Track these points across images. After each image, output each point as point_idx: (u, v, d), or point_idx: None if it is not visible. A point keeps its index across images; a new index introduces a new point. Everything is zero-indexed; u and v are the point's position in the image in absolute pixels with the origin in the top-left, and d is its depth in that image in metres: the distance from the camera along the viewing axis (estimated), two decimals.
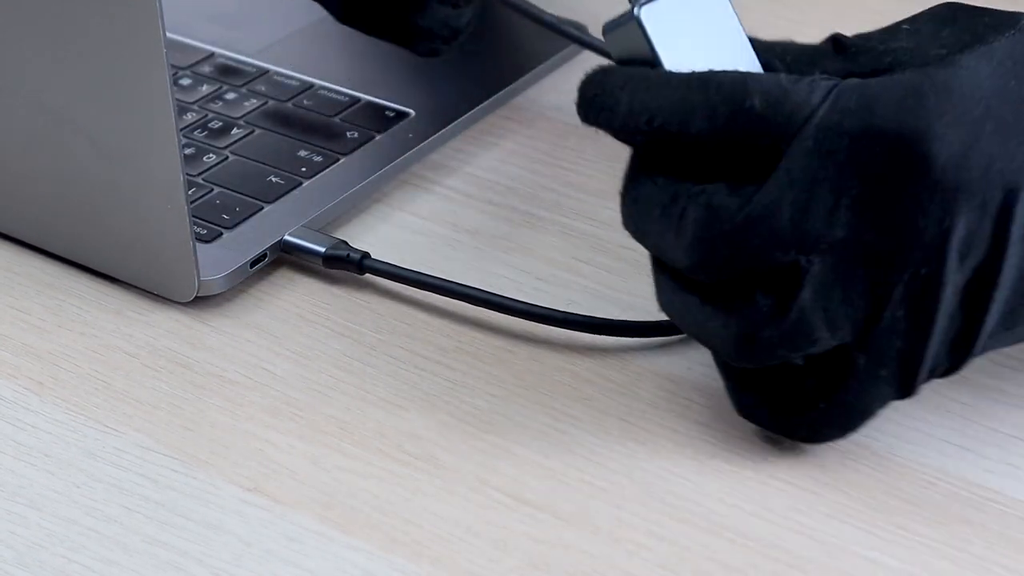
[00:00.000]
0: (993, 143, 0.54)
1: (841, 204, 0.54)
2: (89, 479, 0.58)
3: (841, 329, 0.55)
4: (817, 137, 0.53)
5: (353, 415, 0.61)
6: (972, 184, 0.54)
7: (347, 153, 0.73)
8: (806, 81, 0.54)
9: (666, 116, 0.55)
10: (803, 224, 0.54)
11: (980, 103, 0.54)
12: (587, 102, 0.57)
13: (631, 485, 0.58)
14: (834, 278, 0.54)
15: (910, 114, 0.53)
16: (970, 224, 0.54)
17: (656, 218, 0.55)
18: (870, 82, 0.54)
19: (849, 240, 0.54)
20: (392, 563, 0.55)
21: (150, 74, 0.60)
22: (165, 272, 0.65)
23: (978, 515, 0.57)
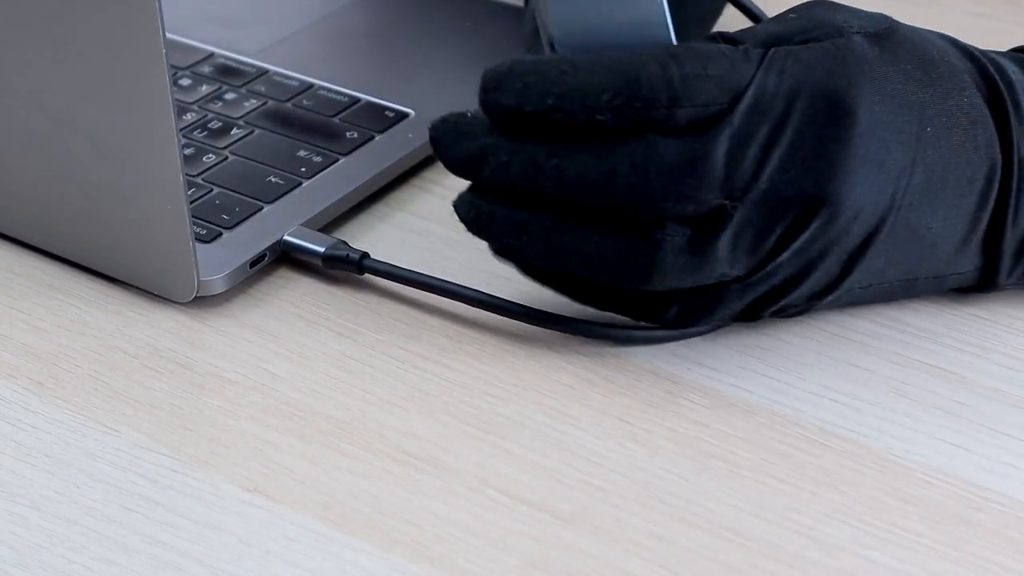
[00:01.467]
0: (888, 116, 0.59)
1: (771, 157, 0.58)
2: (89, 479, 0.58)
3: (737, 267, 0.59)
4: (755, 97, 0.57)
5: (353, 415, 0.61)
6: (879, 155, 0.59)
7: (347, 153, 0.73)
8: (741, 49, 0.58)
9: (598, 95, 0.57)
10: (734, 173, 0.58)
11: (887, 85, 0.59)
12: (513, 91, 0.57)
13: (630, 485, 0.58)
14: (749, 224, 0.59)
15: (840, 76, 0.58)
16: (871, 187, 0.59)
17: (589, 153, 0.57)
18: (797, 48, 0.59)
19: (770, 192, 0.58)
20: (392, 563, 0.55)
21: (150, 74, 0.60)
22: (165, 272, 0.65)
23: (978, 515, 0.57)
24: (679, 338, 0.64)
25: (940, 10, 0.87)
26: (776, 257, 0.59)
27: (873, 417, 0.61)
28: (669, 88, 0.57)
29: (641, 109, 0.57)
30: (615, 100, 0.57)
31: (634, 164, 0.57)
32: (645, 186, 0.57)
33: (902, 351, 0.64)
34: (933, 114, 0.60)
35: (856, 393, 0.62)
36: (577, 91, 0.57)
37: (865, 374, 0.63)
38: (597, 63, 0.57)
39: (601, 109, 0.57)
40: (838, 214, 0.59)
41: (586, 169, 0.57)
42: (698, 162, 0.57)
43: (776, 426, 0.60)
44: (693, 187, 0.57)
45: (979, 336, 0.64)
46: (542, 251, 0.59)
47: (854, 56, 0.59)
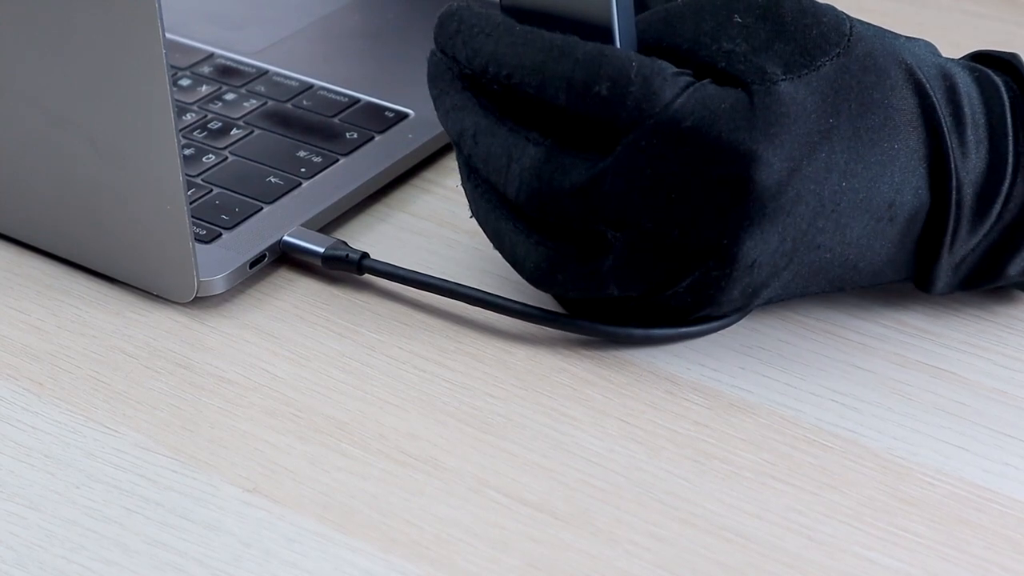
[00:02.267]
0: (810, 173, 0.58)
1: (656, 199, 0.58)
2: (89, 480, 0.58)
3: (630, 291, 0.60)
4: (651, 138, 0.57)
5: (353, 415, 0.61)
6: (781, 211, 0.58)
7: (346, 153, 0.73)
8: (659, 76, 0.57)
9: (524, 76, 0.58)
10: (620, 207, 0.58)
11: (804, 135, 0.57)
12: (446, 34, 0.61)
13: (630, 485, 0.58)
14: (634, 257, 0.59)
15: (745, 134, 0.57)
16: (767, 243, 0.58)
17: (492, 150, 0.60)
18: (711, 91, 0.57)
19: (656, 231, 0.58)
20: (391, 563, 0.55)
21: (150, 75, 0.60)
22: (165, 273, 0.65)
23: (977, 515, 0.57)
24: (679, 339, 0.64)
25: (940, 10, 0.87)
26: (670, 288, 0.60)
27: (873, 418, 0.61)
28: (566, 90, 0.57)
29: (530, 96, 0.58)
30: (511, 78, 0.58)
31: (523, 170, 0.59)
32: (530, 196, 0.59)
33: (902, 351, 0.64)
34: (852, 162, 0.59)
35: (856, 394, 0.62)
36: (481, 55, 0.59)
37: (865, 375, 0.63)
38: (518, 37, 0.58)
39: (493, 79, 0.59)
40: (729, 265, 0.59)
41: (492, 153, 0.60)
42: (583, 191, 0.58)
43: (776, 426, 0.60)
44: (575, 212, 0.58)
45: (979, 336, 0.64)
46: (478, 216, 0.63)
47: (765, 113, 0.57)
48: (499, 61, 0.59)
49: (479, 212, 0.63)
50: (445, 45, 0.61)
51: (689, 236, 0.58)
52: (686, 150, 0.57)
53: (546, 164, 0.58)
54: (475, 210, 0.63)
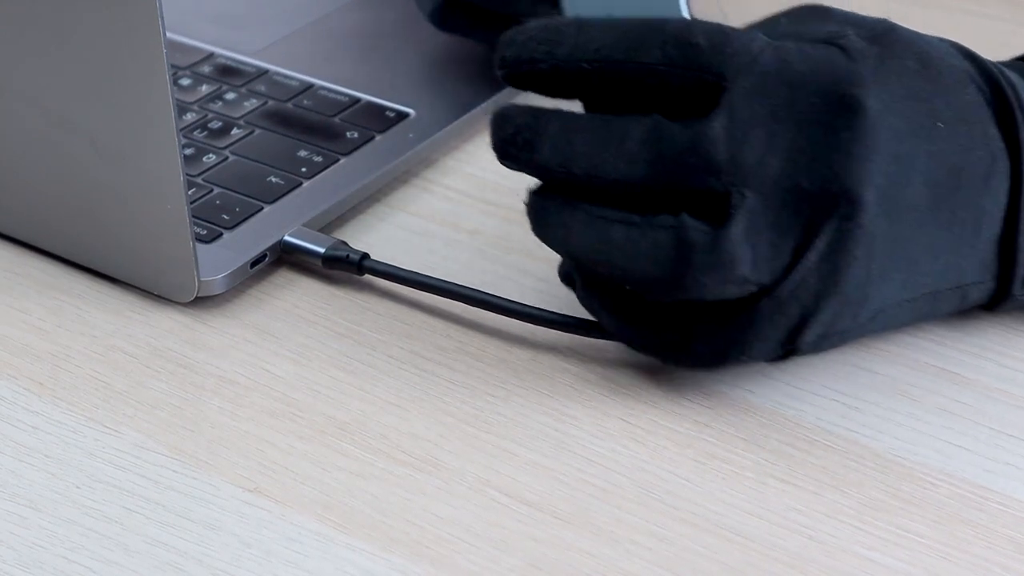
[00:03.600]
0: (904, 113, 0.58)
1: (776, 143, 0.56)
2: (89, 479, 0.58)
3: (760, 272, 0.57)
4: (759, 79, 0.57)
5: (353, 415, 0.61)
6: (889, 144, 0.57)
7: (347, 153, 0.73)
8: (746, 31, 0.58)
9: (614, 50, 0.57)
10: (739, 157, 0.56)
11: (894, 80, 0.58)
12: (518, 42, 0.59)
13: (631, 485, 0.58)
14: (764, 217, 0.56)
15: (845, 69, 0.57)
16: (886, 180, 0.57)
17: (595, 138, 0.57)
18: (801, 43, 0.58)
19: (781, 180, 0.56)
20: (392, 563, 0.55)
21: (150, 74, 0.60)
22: (165, 272, 0.65)
23: (978, 515, 0.57)
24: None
25: (940, 10, 0.87)
26: (799, 261, 0.57)
27: (874, 417, 0.61)
28: (661, 49, 0.57)
29: (627, 64, 0.57)
30: (604, 51, 0.57)
31: (640, 141, 0.57)
32: (655, 161, 0.56)
33: (904, 352, 0.64)
34: (941, 107, 0.59)
35: (857, 393, 0.62)
36: (568, 39, 0.58)
37: (866, 374, 0.63)
38: (599, 21, 0.58)
39: (588, 59, 0.58)
40: (857, 208, 0.56)
41: (595, 143, 0.57)
42: (700, 143, 0.56)
43: (777, 426, 0.60)
44: (695, 166, 0.56)
45: (981, 336, 0.64)
46: (573, 241, 0.59)
47: (857, 53, 0.58)
48: (585, 41, 0.58)
49: (577, 232, 0.58)
50: (518, 53, 0.59)
51: (816, 179, 0.56)
52: (797, 88, 0.57)
53: (656, 131, 0.57)
54: (567, 235, 0.59)
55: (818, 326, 0.58)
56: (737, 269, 0.56)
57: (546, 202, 0.59)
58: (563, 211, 0.59)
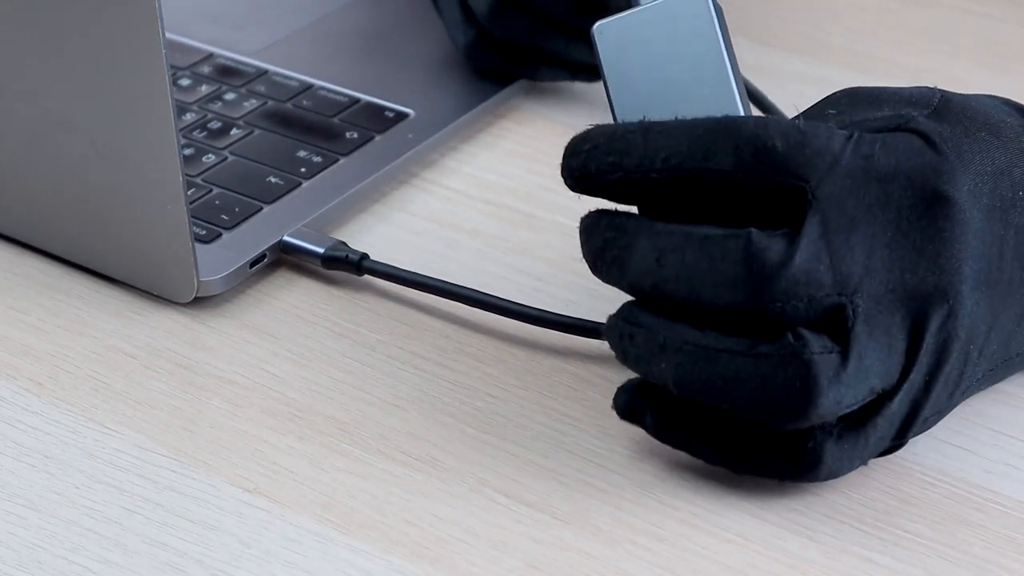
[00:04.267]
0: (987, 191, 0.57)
1: (876, 247, 0.54)
2: (88, 480, 0.58)
3: (885, 378, 0.55)
4: (845, 181, 0.54)
5: (352, 416, 0.61)
6: (980, 230, 0.56)
7: (346, 154, 0.73)
8: (823, 126, 0.55)
9: (685, 155, 0.54)
10: (842, 267, 0.54)
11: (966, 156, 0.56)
12: (582, 154, 0.56)
13: (630, 486, 0.58)
14: (878, 321, 0.54)
15: (930, 159, 0.55)
16: (979, 267, 0.56)
17: (689, 259, 0.54)
18: (879, 135, 0.55)
19: (888, 282, 0.55)
20: (391, 564, 0.55)
21: (150, 74, 0.60)
22: (164, 273, 0.65)
23: (978, 515, 0.57)
24: None
25: (940, 10, 0.87)
26: (914, 361, 0.55)
27: None
28: (734, 154, 0.54)
29: (698, 171, 0.54)
30: (672, 159, 0.54)
31: (738, 262, 0.53)
32: (752, 286, 0.53)
33: None
34: (1019, 174, 0.57)
35: None
36: (636, 148, 0.55)
37: None
38: (666, 123, 0.55)
39: (657, 168, 0.54)
40: (958, 300, 0.55)
41: (690, 264, 0.54)
42: (803, 259, 0.53)
43: None
44: (802, 284, 0.53)
45: None
46: (683, 375, 0.55)
47: (937, 137, 0.56)
48: (655, 148, 0.55)
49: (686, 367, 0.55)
50: (584, 163, 0.56)
51: (917, 274, 0.55)
52: (885, 186, 0.55)
53: (752, 249, 0.53)
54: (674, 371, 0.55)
55: (926, 413, 0.57)
56: (871, 383, 0.55)
57: (635, 328, 0.56)
58: (660, 340, 0.55)
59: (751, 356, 0.54)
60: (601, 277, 0.57)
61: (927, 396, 0.56)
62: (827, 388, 0.53)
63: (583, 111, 0.78)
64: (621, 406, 0.58)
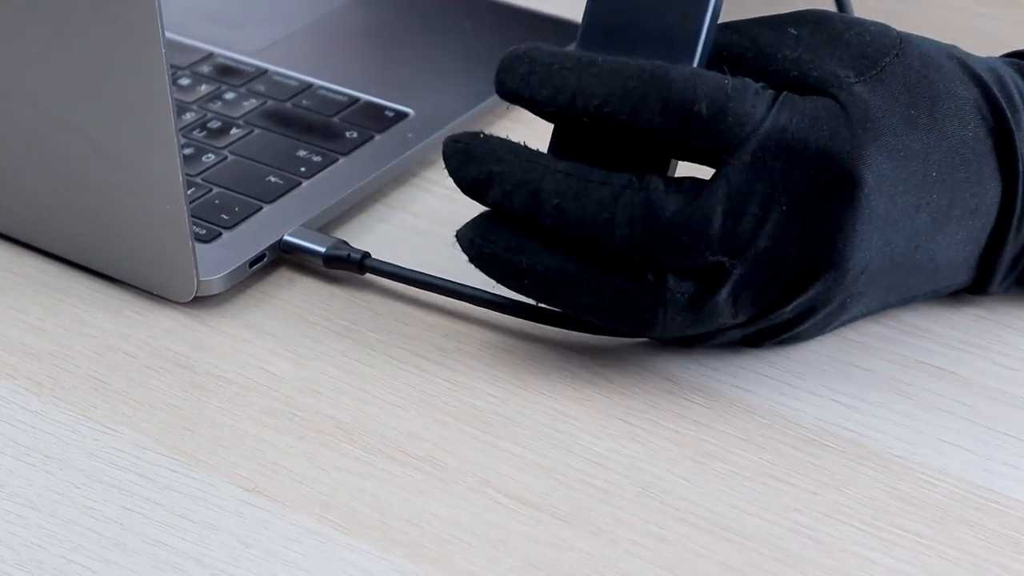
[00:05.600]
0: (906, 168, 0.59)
1: (770, 217, 0.57)
2: (88, 479, 0.58)
3: (739, 316, 0.59)
4: (756, 153, 0.57)
5: (352, 415, 0.61)
6: (887, 210, 0.58)
7: (346, 153, 0.73)
8: (750, 91, 0.57)
9: (616, 104, 0.57)
10: (733, 232, 0.57)
11: (893, 132, 0.58)
12: (516, 77, 0.59)
13: (630, 485, 0.58)
14: (750, 281, 0.58)
15: (843, 138, 0.57)
16: (874, 246, 0.59)
17: (591, 207, 0.57)
18: (801, 102, 0.57)
19: (771, 250, 0.58)
20: (391, 563, 0.55)
21: (149, 74, 0.60)
22: (164, 272, 0.65)
23: (978, 515, 0.57)
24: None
25: (940, 9, 0.87)
26: (777, 310, 0.60)
27: (874, 417, 0.61)
28: (663, 114, 0.56)
29: (626, 126, 0.57)
30: (604, 107, 0.57)
31: (632, 217, 0.57)
32: (641, 240, 0.57)
33: (903, 351, 0.64)
34: (938, 157, 0.59)
35: (857, 393, 0.62)
36: (568, 89, 0.57)
37: (866, 374, 0.62)
38: (601, 65, 0.57)
39: (589, 113, 0.57)
40: (844, 275, 0.59)
41: (586, 214, 0.57)
42: (695, 221, 0.57)
43: (776, 426, 0.60)
44: (689, 245, 0.57)
45: (980, 336, 0.64)
46: (543, 296, 0.60)
47: (857, 113, 0.58)
48: (587, 92, 0.57)
49: (562, 286, 0.59)
50: (518, 88, 0.59)
51: (805, 250, 0.58)
52: (793, 161, 0.57)
53: (650, 204, 0.57)
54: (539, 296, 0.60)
55: (783, 339, 0.62)
56: (717, 323, 0.59)
57: (494, 247, 0.60)
58: (513, 262, 0.60)
59: (610, 287, 0.58)
60: (473, 197, 0.60)
61: (779, 332, 0.61)
62: (671, 321, 0.59)
63: None
64: (473, 255, 0.61)
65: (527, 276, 0.59)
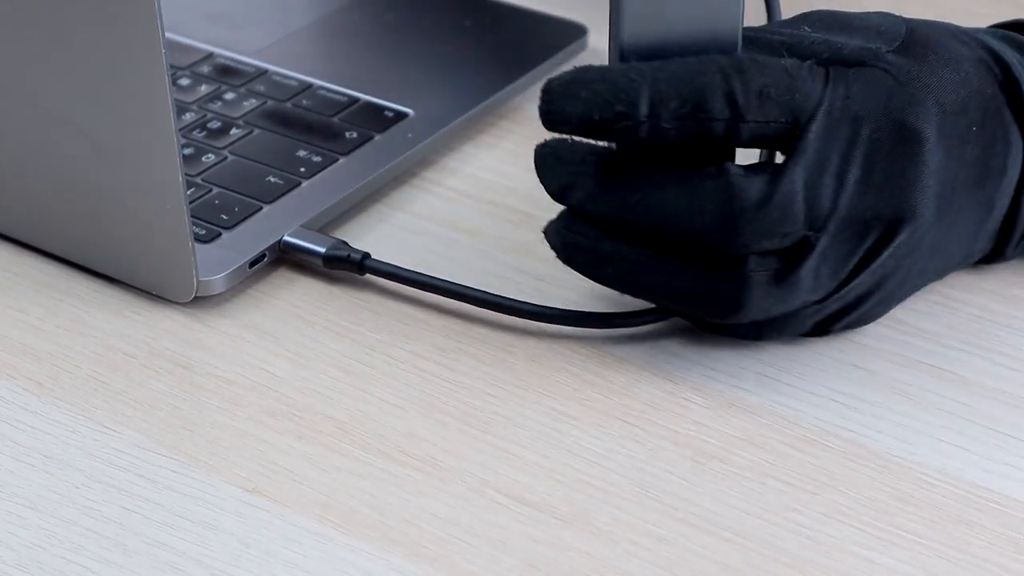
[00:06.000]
0: (948, 131, 0.61)
1: (846, 183, 0.58)
2: (88, 479, 0.58)
3: (820, 291, 0.60)
4: (825, 123, 0.58)
5: (352, 415, 0.61)
6: (942, 163, 0.60)
7: (346, 153, 0.73)
8: (804, 68, 0.58)
9: (696, 102, 0.57)
10: (815, 204, 0.58)
11: (934, 94, 0.60)
12: (580, 99, 0.57)
13: (630, 485, 0.58)
14: (832, 251, 0.59)
15: (900, 97, 0.59)
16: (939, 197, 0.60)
17: (673, 203, 0.58)
18: (851, 73, 0.59)
19: (850, 218, 0.59)
20: (391, 563, 0.55)
21: (149, 74, 0.60)
22: (164, 272, 0.65)
23: (977, 515, 0.57)
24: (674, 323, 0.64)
25: (941, 9, 0.87)
26: (855, 278, 0.60)
27: (873, 418, 0.61)
28: (732, 104, 0.57)
29: (704, 121, 0.57)
30: (682, 109, 0.57)
31: (719, 203, 0.57)
32: (730, 225, 0.57)
33: (903, 352, 0.64)
34: (974, 112, 0.61)
35: (856, 393, 0.62)
36: (644, 98, 0.57)
37: (865, 374, 0.62)
38: (663, 70, 0.57)
39: (667, 118, 0.57)
40: (918, 228, 0.60)
41: (671, 207, 0.58)
42: (782, 199, 0.57)
43: (776, 426, 0.60)
44: (777, 223, 0.57)
45: (979, 336, 0.64)
46: (627, 284, 0.60)
47: (903, 76, 0.59)
48: (661, 98, 0.57)
49: (650, 271, 0.60)
50: (585, 111, 0.57)
51: (881, 208, 0.59)
52: (859, 125, 0.58)
53: (734, 189, 0.57)
54: (625, 285, 0.60)
55: (852, 318, 0.63)
56: (801, 300, 0.60)
57: (579, 238, 0.60)
58: (599, 250, 0.60)
59: (697, 271, 0.59)
60: (560, 201, 0.60)
61: (858, 305, 0.62)
62: (759, 301, 0.59)
63: None
64: (558, 246, 0.61)
65: (613, 263, 0.60)
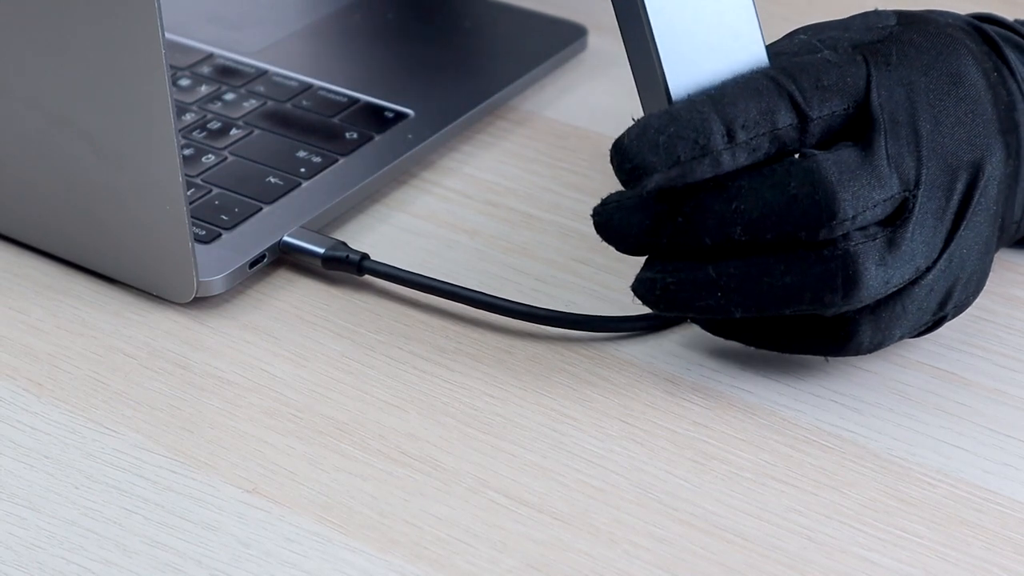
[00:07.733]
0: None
1: (921, 134, 0.59)
2: (88, 480, 0.58)
3: (930, 251, 0.59)
4: (881, 91, 0.59)
5: (352, 416, 0.61)
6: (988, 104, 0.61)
7: (346, 154, 0.73)
8: (841, 52, 0.60)
9: (762, 118, 0.57)
10: (901, 165, 0.58)
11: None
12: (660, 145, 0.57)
13: (629, 486, 0.58)
14: (930, 204, 0.59)
15: (934, 49, 0.60)
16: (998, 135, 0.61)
17: (765, 188, 0.57)
18: (880, 44, 0.60)
19: (936, 167, 0.59)
20: (390, 564, 0.55)
21: (149, 75, 0.60)
22: (164, 273, 0.65)
23: (977, 515, 0.57)
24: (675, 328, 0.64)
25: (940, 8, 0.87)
26: (957, 230, 0.59)
27: (873, 418, 0.61)
28: (795, 106, 0.58)
29: (775, 131, 0.57)
30: (755, 127, 0.57)
31: (814, 184, 0.57)
32: (829, 201, 0.57)
33: (902, 352, 0.64)
34: (987, 64, 0.62)
35: (856, 394, 0.62)
36: (717, 126, 0.57)
37: (865, 375, 0.62)
38: (720, 97, 0.57)
39: (743, 139, 0.57)
40: (994, 166, 0.60)
41: (768, 201, 0.57)
42: (870, 166, 0.58)
43: (776, 427, 0.60)
44: (874, 189, 0.57)
45: (979, 336, 0.64)
46: (742, 300, 0.58)
47: (922, 37, 0.61)
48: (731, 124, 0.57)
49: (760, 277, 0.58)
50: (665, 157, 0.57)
51: (961, 155, 0.59)
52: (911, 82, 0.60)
53: (823, 168, 0.57)
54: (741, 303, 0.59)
55: (964, 278, 0.61)
56: (914, 264, 0.59)
57: (673, 274, 0.59)
58: (702, 279, 0.58)
59: (806, 260, 0.57)
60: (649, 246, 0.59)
61: (964, 264, 0.60)
62: (875, 272, 0.57)
63: (583, 112, 0.78)
64: (658, 291, 0.59)
65: (720, 284, 0.58)
